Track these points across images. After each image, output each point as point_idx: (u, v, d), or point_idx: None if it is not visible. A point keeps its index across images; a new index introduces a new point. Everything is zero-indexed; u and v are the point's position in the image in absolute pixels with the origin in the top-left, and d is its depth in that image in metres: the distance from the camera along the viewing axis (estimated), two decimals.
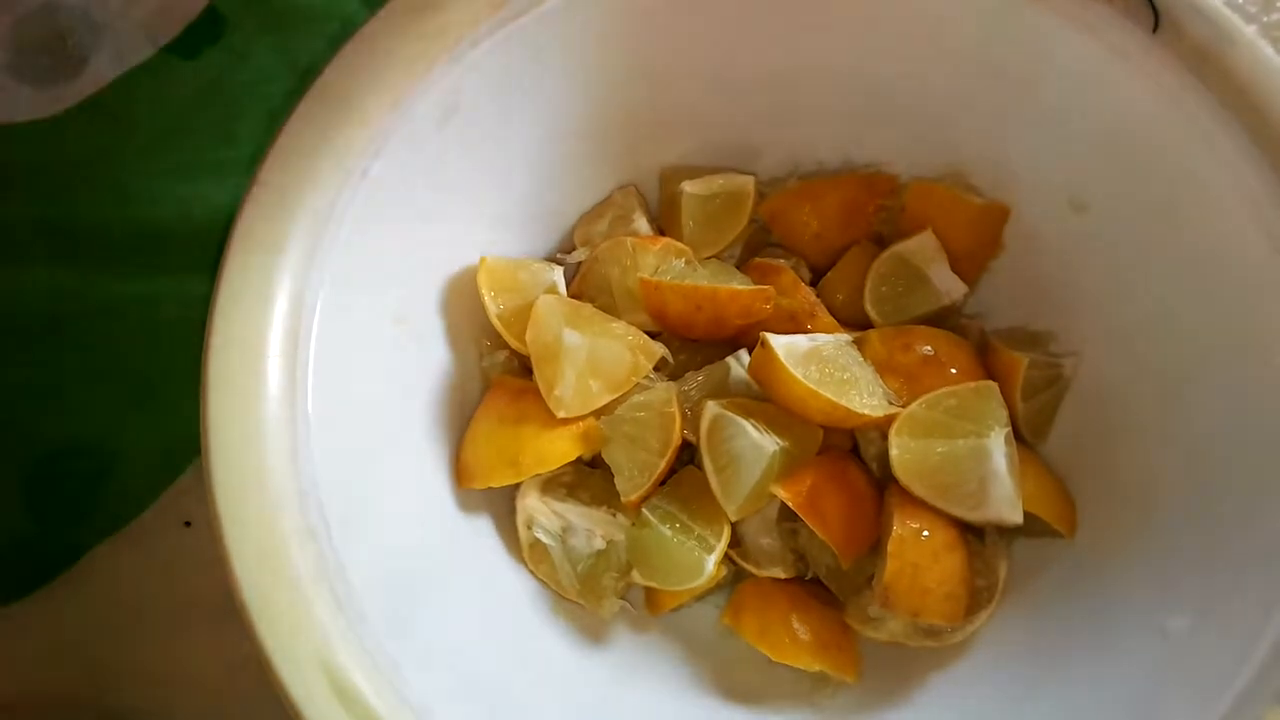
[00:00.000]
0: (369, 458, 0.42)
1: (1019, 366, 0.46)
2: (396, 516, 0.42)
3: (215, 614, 0.48)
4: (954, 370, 0.45)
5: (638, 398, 0.45)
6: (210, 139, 0.57)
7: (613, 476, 0.45)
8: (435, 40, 0.42)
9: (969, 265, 0.49)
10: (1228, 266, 0.41)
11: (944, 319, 0.49)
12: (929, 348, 0.46)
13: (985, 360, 0.48)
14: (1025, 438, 0.47)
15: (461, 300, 0.47)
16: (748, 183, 0.50)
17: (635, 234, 0.49)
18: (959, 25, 0.44)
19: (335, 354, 0.41)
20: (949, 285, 0.48)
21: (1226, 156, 0.40)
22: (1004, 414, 0.43)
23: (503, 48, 0.43)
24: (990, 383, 0.44)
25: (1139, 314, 0.45)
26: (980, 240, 0.49)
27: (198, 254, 0.53)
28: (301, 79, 0.42)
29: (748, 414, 0.43)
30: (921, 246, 0.48)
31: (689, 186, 0.50)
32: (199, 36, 0.60)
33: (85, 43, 0.60)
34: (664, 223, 0.51)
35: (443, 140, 0.43)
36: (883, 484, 0.46)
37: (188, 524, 0.50)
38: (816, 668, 0.44)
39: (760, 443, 0.42)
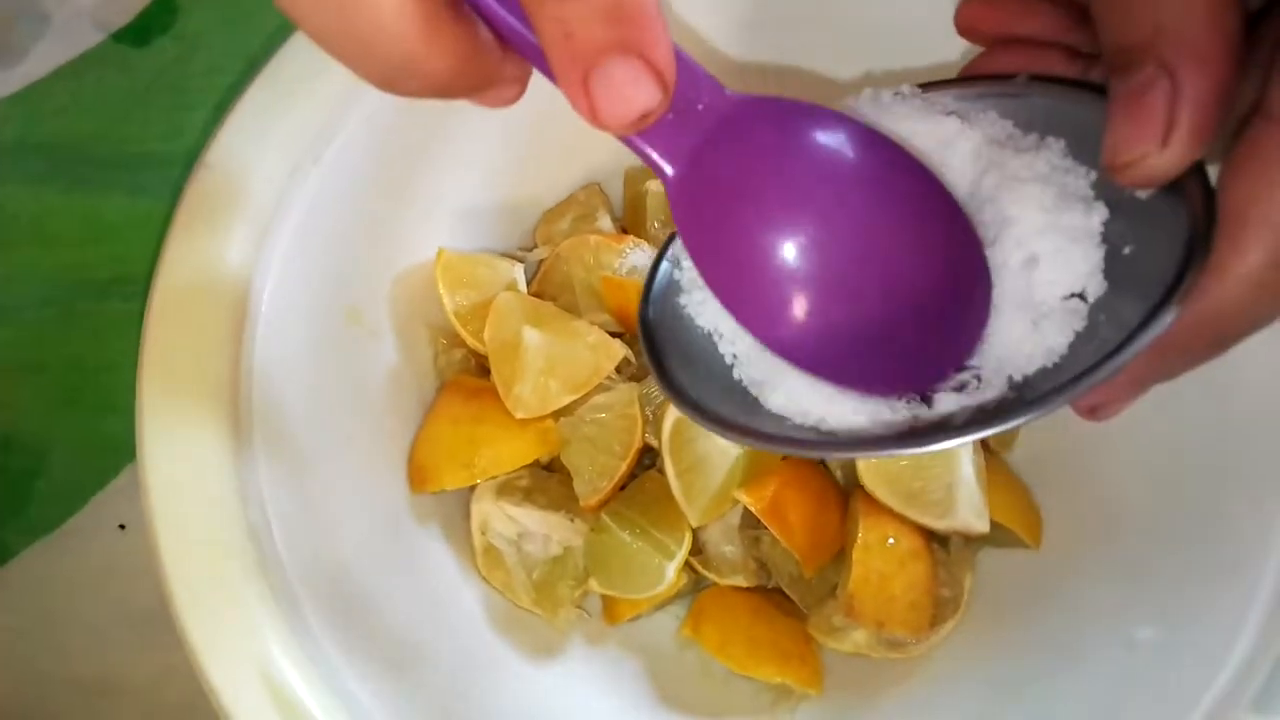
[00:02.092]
0: (316, 457, 0.40)
1: None
2: (343, 518, 0.40)
3: (149, 621, 0.45)
4: None
5: (599, 399, 0.44)
6: (158, 129, 0.55)
7: (571, 481, 0.44)
8: None
9: None
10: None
11: None
12: None
13: None
14: (992, 446, 0.46)
15: (417, 296, 0.45)
16: None
17: (599, 232, 0.47)
18: None
19: (282, 348, 0.39)
20: None
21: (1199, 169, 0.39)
22: None
23: None
24: None
25: None
26: None
27: (140, 245, 0.51)
28: (253, 70, 0.40)
29: None
30: None
31: (654, 185, 0.48)
32: (150, 24, 0.58)
33: (30, 29, 0.58)
34: (628, 222, 0.50)
35: (400, 128, 0.42)
36: (847, 491, 0.45)
37: (122, 527, 0.48)
38: (778, 680, 0.43)
39: (724, 445, 0.41)
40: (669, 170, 0.25)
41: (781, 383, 0.27)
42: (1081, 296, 0.26)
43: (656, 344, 0.29)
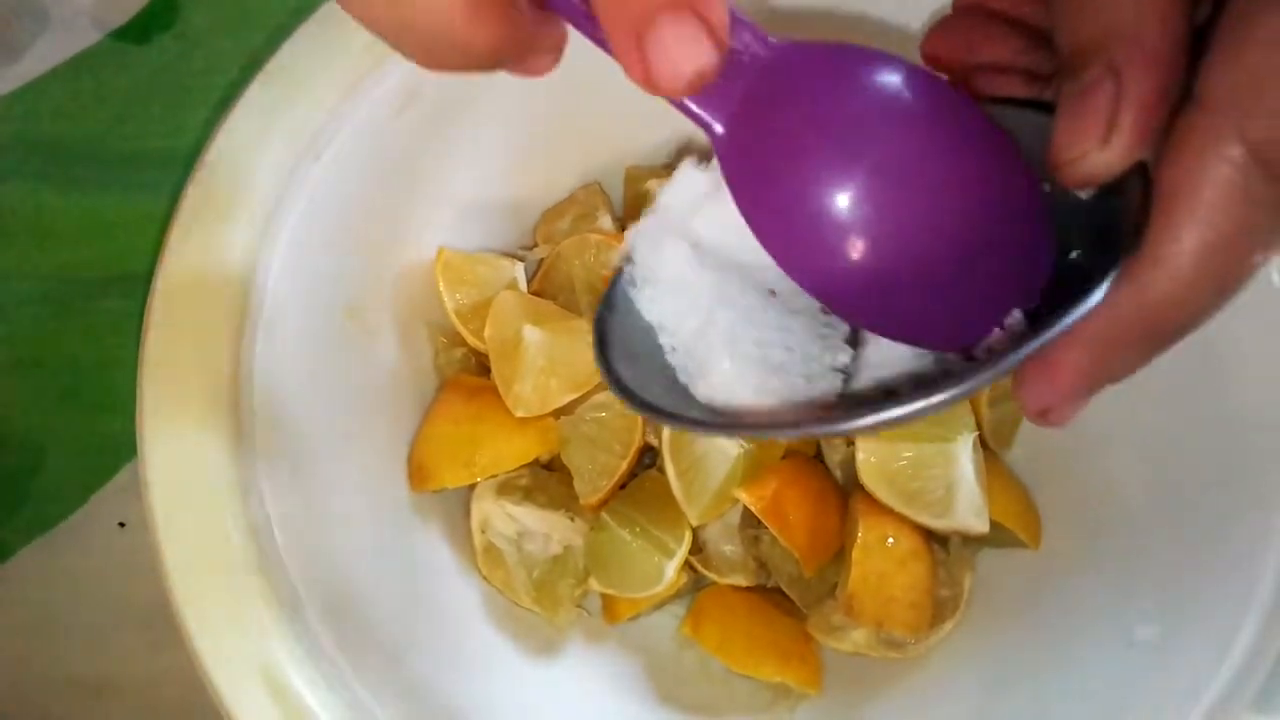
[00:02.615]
0: (317, 454, 0.40)
1: None
2: (344, 516, 0.40)
3: (149, 620, 0.45)
4: None
5: (599, 398, 0.44)
6: (158, 127, 0.55)
7: (571, 480, 0.44)
8: None
9: None
10: None
11: None
12: None
13: None
14: (990, 446, 0.46)
15: (417, 294, 0.45)
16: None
17: (599, 231, 0.47)
18: None
19: (283, 346, 0.39)
20: None
21: None
22: (971, 419, 0.42)
23: None
24: None
25: None
26: None
27: (139, 243, 0.51)
28: (253, 69, 0.40)
29: None
30: None
31: (654, 185, 0.48)
32: (151, 22, 0.58)
33: (29, 27, 0.58)
34: (629, 221, 0.50)
35: (401, 127, 0.42)
36: (847, 490, 0.45)
37: (122, 525, 0.47)
38: (778, 679, 0.43)
39: (724, 445, 0.41)
40: (718, 128, 0.24)
41: (710, 372, 0.28)
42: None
43: (605, 339, 0.29)
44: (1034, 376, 0.24)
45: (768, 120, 0.25)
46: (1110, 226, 0.23)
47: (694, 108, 0.24)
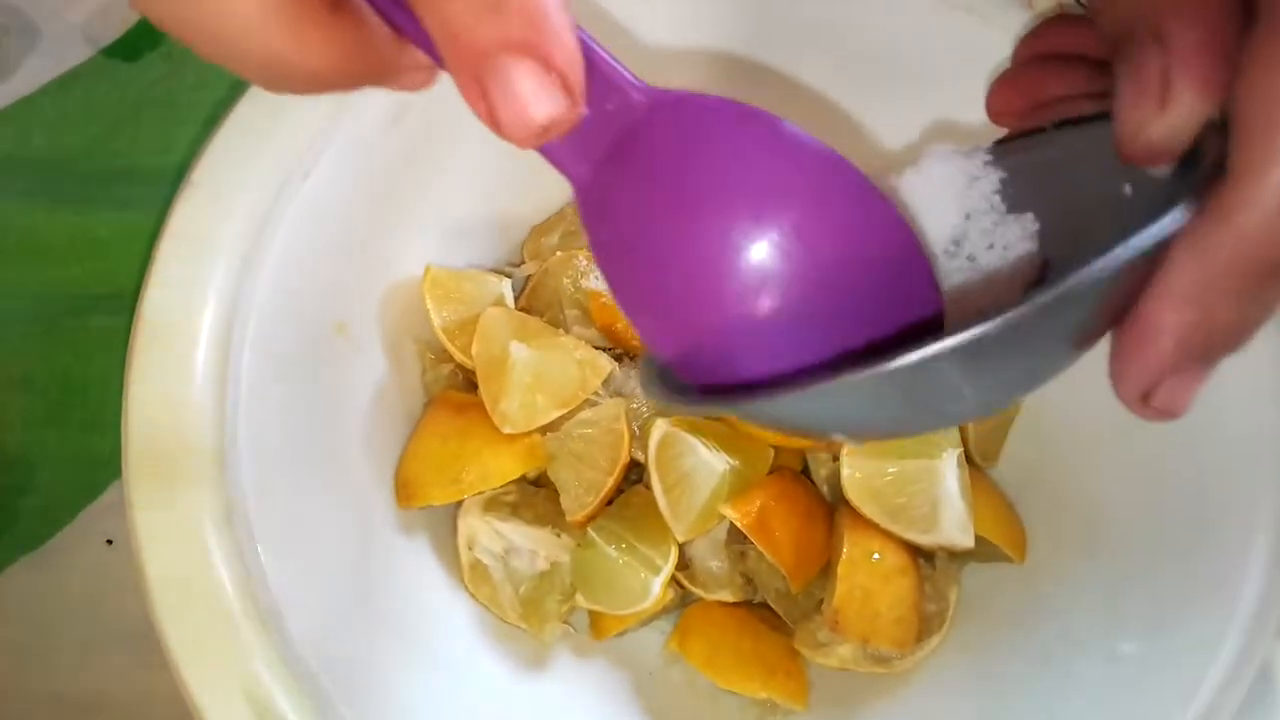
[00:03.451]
0: (302, 472, 0.40)
1: None
2: (330, 534, 0.40)
3: (137, 637, 0.45)
4: None
5: (585, 414, 0.44)
6: (148, 144, 0.55)
7: (558, 497, 0.44)
8: None
9: None
10: None
11: None
12: None
13: None
14: (975, 461, 0.47)
15: (405, 311, 0.46)
16: None
17: (587, 248, 0.48)
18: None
19: (270, 363, 0.39)
20: None
21: None
22: (955, 436, 0.43)
23: None
24: None
25: None
26: None
27: (128, 260, 0.51)
28: (241, 86, 0.40)
29: (698, 432, 0.42)
30: None
31: None
32: (141, 40, 0.58)
33: (19, 44, 0.58)
34: None
35: (389, 144, 0.42)
36: (833, 506, 0.45)
37: (109, 542, 0.47)
38: (764, 695, 0.43)
39: (710, 461, 0.41)
40: (576, 178, 0.23)
41: None
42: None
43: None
44: (1129, 350, 0.21)
45: (630, 175, 0.23)
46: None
47: (549, 153, 0.23)
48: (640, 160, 0.23)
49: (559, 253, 0.47)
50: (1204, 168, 0.21)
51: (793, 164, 0.24)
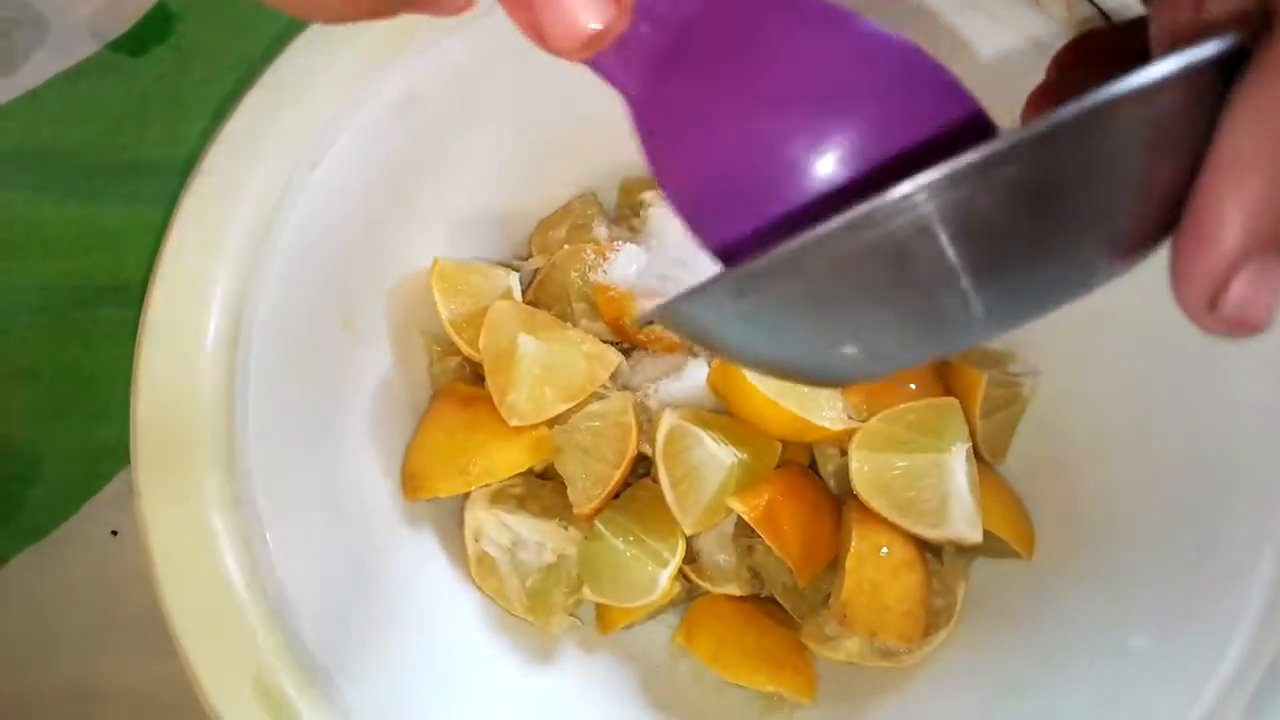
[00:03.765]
0: (310, 463, 0.40)
1: (979, 383, 0.45)
2: (337, 524, 0.40)
3: (140, 629, 0.45)
4: (913, 386, 0.45)
5: (593, 407, 0.44)
6: (155, 138, 0.55)
7: (565, 489, 0.44)
8: (394, 33, 0.41)
9: None
10: None
11: None
12: None
13: (943, 378, 0.47)
14: (984, 456, 0.46)
15: (413, 304, 0.45)
16: None
17: (594, 242, 0.48)
18: None
19: (278, 354, 0.39)
20: None
21: None
22: (965, 430, 0.43)
23: (463, 45, 0.42)
24: (951, 399, 0.44)
25: (1100, 335, 0.45)
26: None
27: (135, 253, 0.51)
28: (249, 79, 0.40)
29: (706, 426, 0.42)
30: None
31: (650, 196, 0.49)
32: (148, 33, 0.58)
33: (27, 37, 0.58)
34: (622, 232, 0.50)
35: (398, 135, 0.42)
36: (840, 500, 0.45)
37: (115, 533, 0.47)
38: (771, 689, 0.43)
39: (718, 454, 0.41)
40: (630, 89, 0.23)
41: None
42: None
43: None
44: (1187, 239, 0.18)
45: (683, 79, 0.23)
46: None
47: (599, 66, 0.22)
48: (691, 55, 0.23)
49: (566, 246, 0.47)
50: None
51: (852, 43, 0.23)
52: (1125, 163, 0.18)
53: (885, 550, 0.41)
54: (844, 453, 0.44)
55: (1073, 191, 0.18)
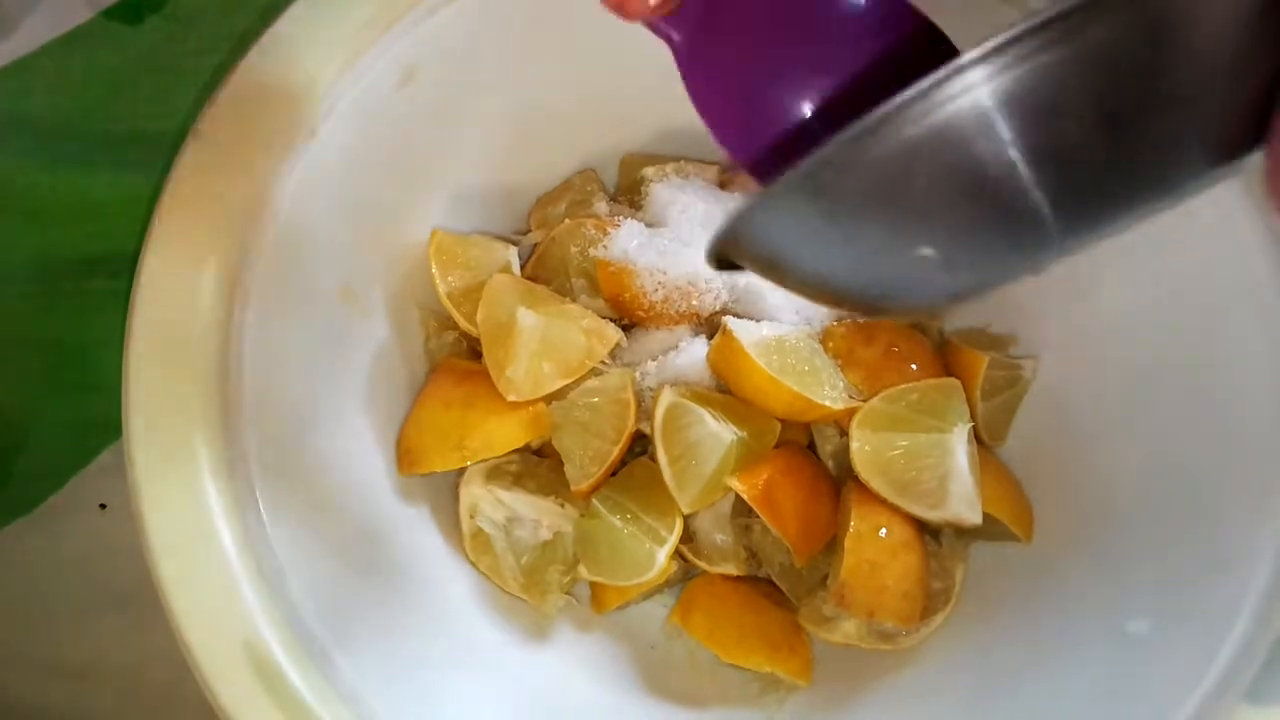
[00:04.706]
0: (305, 436, 0.40)
1: (980, 365, 0.45)
2: (331, 498, 0.39)
3: (130, 602, 0.45)
4: (915, 366, 0.44)
5: (591, 383, 0.43)
6: (148, 107, 0.54)
7: (562, 467, 0.43)
8: (393, 2, 0.40)
9: None
10: (1194, 276, 0.40)
11: None
12: (891, 343, 0.45)
13: (945, 359, 0.47)
14: (984, 439, 0.46)
15: (411, 277, 0.45)
16: (710, 171, 0.49)
17: (594, 217, 0.47)
18: None
19: (274, 326, 0.39)
20: None
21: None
22: (966, 411, 0.42)
23: (465, 15, 0.41)
24: (953, 379, 0.43)
25: (1101, 320, 0.44)
26: None
27: (127, 223, 0.50)
28: (243, 49, 0.40)
29: (705, 403, 0.42)
30: None
31: (650, 172, 0.48)
32: (142, 2, 0.57)
33: (20, 4, 0.57)
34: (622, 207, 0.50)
35: (398, 105, 0.42)
36: (839, 481, 0.44)
37: (103, 506, 0.47)
38: (767, 669, 0.42)
39: (718, 432, 0.41)
40: (676, 36, 0.29)
41: None
42: None
43: None
44: (1275, 140, 0.16)
45: (721, 23, 0.29)
46: None
47: (653, 25, 0.29)
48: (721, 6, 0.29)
49: (566, 221, 0.47)
50: None
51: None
52: (1214, 42, 0.16)
53: (884, 531, 0.41)
54: (843, 433, 0.43)
55: (1152, 72, 0.17)
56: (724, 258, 0.24)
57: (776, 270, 0.23)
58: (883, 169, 0.18)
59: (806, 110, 0.30)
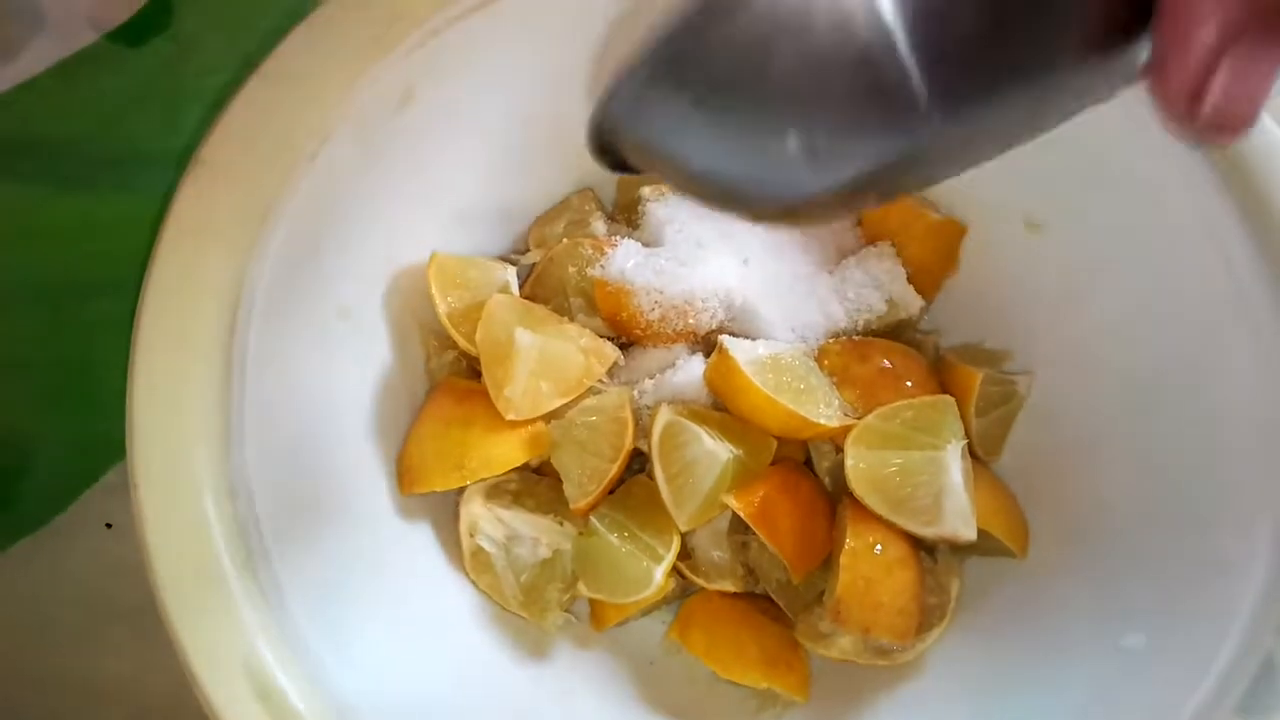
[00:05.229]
0: (306, 455, 0.40)
1: (974, 381, 0.45)
2: (332, 517, 0.40)
3: (134, 620, 0.45)
4: (910, 384, 0.45)
5: (589, 402, 0.44)
6: (152, 129, 0.55)
7: (560, 485, 0.44)
8: (393, 25, 0.41)
9: (926, 280, 0.49)
10: (1184, 289, 0.41)
11: (900, 333, 0.49)
12: (886, 360, 0.45)
13: (940, 376, 0.47)
14: (978, 455, 0.46)
15: (410, 297, 0.45)
16: None
17: (592, 237, 0.48)
18: None
19: (275, 347, 0.39)
20: (906, 299, 0.47)
21: (1190, 180, 0.39)
22: (960, 428, 0.43)
23: (463, 38, 0.42)
24: (947, 397, 0.44)
25: (1095, 335, 0.45)
26: (937, 255, 0.49)
27: (131, 244, 0.51)
28: (247, 71, 0.40)
29: (702, 421, 0.42)
30: (879, 258, 0.48)
31: (647, 191, 0.49)
32: (147, 24, 0.58)
33: (25, 27, 0.58)
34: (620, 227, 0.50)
35: (396, 128, 0.42)
36: (835, 498, 0.45)
37: (109, 526, 0.47)
38: (765, 685, 0.43)
39: (714, 450, 0.41)
40: None
41: None
42: None
43: None
44: (1166, 34, 0.16)
45: None
46: None
47: None
48: None
49: (565, 241, 0.47)
50: None
51: None
52: None
53: (879, 547, 0.41)
54: (840, 450, 0.44)
55: None
56: (613, 154, 0.24)
57: (657, 162, 0.23)
58: (747, 35, 0.18)
59: None
